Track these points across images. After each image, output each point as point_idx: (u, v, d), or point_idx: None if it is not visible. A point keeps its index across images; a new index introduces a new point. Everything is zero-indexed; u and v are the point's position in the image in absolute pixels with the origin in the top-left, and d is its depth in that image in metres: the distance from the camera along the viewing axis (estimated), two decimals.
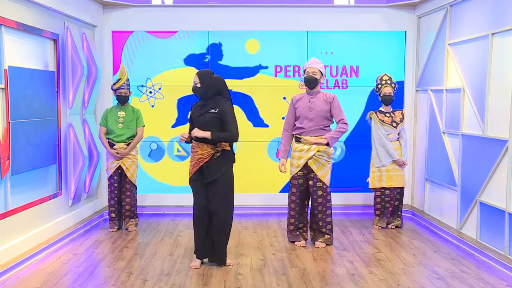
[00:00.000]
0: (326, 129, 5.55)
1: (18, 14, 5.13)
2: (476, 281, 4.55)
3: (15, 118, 5.00)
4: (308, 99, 5.55)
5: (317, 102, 5.50)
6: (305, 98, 5.58)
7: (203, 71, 4.93)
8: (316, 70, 5.50)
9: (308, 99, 5.55)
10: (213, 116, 4.77)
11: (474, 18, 5.76)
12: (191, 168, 4.83)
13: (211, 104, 4.81)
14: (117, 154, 6.10)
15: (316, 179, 5.49)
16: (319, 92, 5.58)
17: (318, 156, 5.48)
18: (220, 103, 4.81)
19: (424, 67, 7.05)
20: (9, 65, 4.94)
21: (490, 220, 5.34)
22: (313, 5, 7.30)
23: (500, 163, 5.16)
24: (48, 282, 4.48)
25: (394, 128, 6.33)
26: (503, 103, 5.11)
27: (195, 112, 4.87)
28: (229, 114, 4.79)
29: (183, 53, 7.32)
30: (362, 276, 4.68)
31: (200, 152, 4.78)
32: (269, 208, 7.33)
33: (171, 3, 7.25)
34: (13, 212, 5.02)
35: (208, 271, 4.78)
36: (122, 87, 6.14)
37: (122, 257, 5.21)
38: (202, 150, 4.78)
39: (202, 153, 4.78)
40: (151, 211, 7.25)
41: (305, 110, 5.51)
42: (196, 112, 4.87)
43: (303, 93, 5.68)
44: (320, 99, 5.53)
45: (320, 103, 5.51)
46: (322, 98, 5.54)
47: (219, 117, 4.77)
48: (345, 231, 6.29)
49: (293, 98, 5.66)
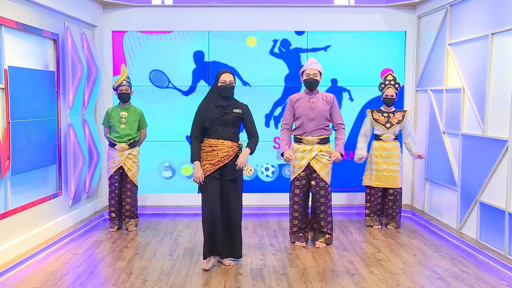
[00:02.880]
0: (326, 129, 5.55)
1: (18, 14, 5.13)
2: (476, 281, 4.55)
3: (15, 118, 5.01)
4: (308, 99, 5.54)
5: (318, 102, 5.50)
6: (304, 98, 5.57)
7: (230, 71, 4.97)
8: (317, 72, 5.49)
9: (308, 99, 5.54)
10: (237, 116, 4.86)
11: (474, 18, 5.76)
12: (211, 167, 4.78)
13: (233, 104, 4.87)
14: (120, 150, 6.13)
15: (319, 178, 5.49)
16: (318, 92, 5.58)
17: (320, 156, 5.48)
18: (239, 104, 4.92)
19: (424, 67, 7.05)
20: (9, 65, 4.94)
21: (490, 220, 5.34)
22: (313, 5, 7.30)
23: (500, 163, 5.16)
24: (48, 282, 4.48)
25: (386, 129, 6.34)
26: (503, 103, 5.11)
27: (215, 113, 4.79)
28: (250, 115, 4.95)
29: (183, 53, 7.32)
30: (362, 276, 4.68)
31: (225, 150, 4.78)
32: (269, 208, 7.33)
33: (171, 3, 7.25)
34: (13, 212, 5.02)
35: (208, 271, 4.78)
36: (122, 84, 6.14)
37: (122, 257, 5.21)
38: (228, 148, 4.79)
39: (227, 151, 4.78)
40: (151, 211, 7.25)
41: (306, 110, 5.51)
42: (217, 112, 4.80)
43: (301, 93, 5.66)
44: (320, 99, 5.53)
45: (321, 103, 5.50)
46: (322, 98, 5.54)
47: (241, 118, 4.88)
48: (345, 231, 6.29)
49: (292, 98, 5.64)
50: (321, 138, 5.50)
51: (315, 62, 5.54)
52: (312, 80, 5.48)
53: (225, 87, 4.81)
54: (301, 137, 5.53)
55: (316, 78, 5.49)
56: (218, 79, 4.86)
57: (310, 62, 5.54)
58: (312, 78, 5.47)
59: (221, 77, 4.84)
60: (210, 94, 4.94)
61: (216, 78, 4.88)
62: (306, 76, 5.51)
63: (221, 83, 4.82)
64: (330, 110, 5.53)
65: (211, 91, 4.95)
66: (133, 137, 6.24)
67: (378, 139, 6.39)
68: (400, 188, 6.38)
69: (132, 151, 6.23)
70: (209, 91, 4.99)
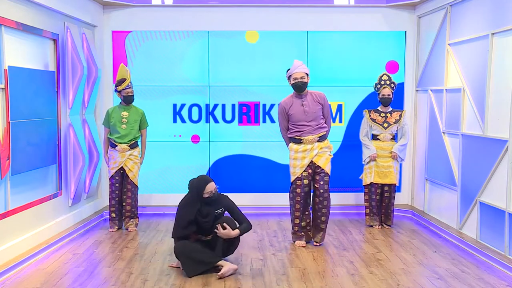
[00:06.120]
0: (324, 126, 5.57)
1: (18, 14, 5.13)
2: (476, 281, 4.55)
3: (15, 118, 5.00)
4: (300, 103, 5.51)
5: (310, 105, 5.50)
6: (296, 103, 5.53)
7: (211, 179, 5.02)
8: (304, 74, 5.47)
9: (300, 103, 5.51)
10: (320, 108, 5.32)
11: (474, 18, 5.76)
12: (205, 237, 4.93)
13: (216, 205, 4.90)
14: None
15: (324, 173, 5.52)
16: (308, 92, 5.58)
17: (322, 152, 5.52)
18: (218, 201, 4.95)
19: (424, 67, 7.05)
20: (9, 65, 4.94)
21: (490, 220, 5.34)
22: (313, 5, 7.30)
23: (500, 163, 5.16)
24: (48, 282, 4.48)
25: (384, 129, 6.35)
26: (503, 103, 5.11)
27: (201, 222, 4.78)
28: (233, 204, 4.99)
29: (183, 53, 7.32)
30: (362, 276, 4.68)
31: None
32: (269, 208, 7.33)
33: (171, 3, 7.25)
34: (13, 212, 5.02)
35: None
36: (128, 87, 6.14)
37: (122, 257, 5.21)
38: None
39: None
40: (151, 211, 7.25)
41: (300, 114, 5.50)
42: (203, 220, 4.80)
43: (290, 97, 5.60)
44: (311, 100, 5.53)
45: (313, 105, 5.51)
46: (312, 99, 5.54)
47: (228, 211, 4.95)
48: (345, 231, 6.29)
49: (283, 106, 5.56)
50: (320, 135, 5.53)
51: (300, 64, 5.51)
52: (300, 83, 5.46)
53: (213, 198, 4.79)
54: (300, 137, 5.53)
55: (304, 80, 5.47)
56: (201, 189, 4.73)
57: (296, 65, 5.51)
58: (301, 82, 5.46)
59: (206, 188, 4.73)
60: (191, 202, 4.79)
61: (198, 188, 4.75)
62: (294, 80, 5.48)
63: (207, 194, 4.74)
64: (322, 109, 5.56)
65: (191, 199, 4.80)
66: (134, 138, 6.24)
67: (375, 139, 6.40)
68: (395, 185, 6.41)
69: (133, 152, 6.23)
70: (188, 199, 4.84)
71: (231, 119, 7.42)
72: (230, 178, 7.41)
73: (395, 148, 6.32)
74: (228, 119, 7.42)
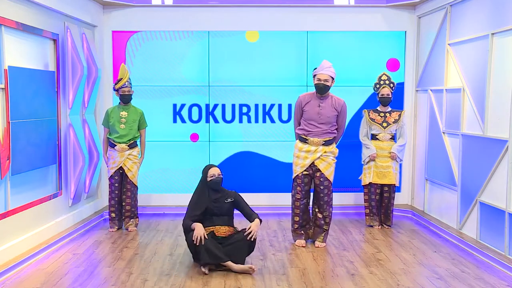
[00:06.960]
0: (332, 132, 5.55)
1: (18, 14, 5.13)
2: (476, 281, 4.55)
3: (15, 118, 5.00)
4: (317, 103, 5.49)
5: (327, 108, 5.46)
6: (313, 102, 5.51)
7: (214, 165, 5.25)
8: (328, 77, 5.40)
9: (317, 103, 5.49)
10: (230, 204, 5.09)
11: (474, 18, 5.76)
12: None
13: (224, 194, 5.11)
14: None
15: (323, 177, 5.51)
16: (329, 96, 5.53)
17: (325, 156, 5.50)
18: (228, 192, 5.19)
19: (424, 67, 7.05)
20: (9, 65, 4.94)
21: (490, 220, 5.34)
22: (313, 5, 7.30)
23: (500, 163, 5.16)
24: (48, 282, 4.48)
25: (383, 128, 6.35)
26: (503, 103, 5.11)
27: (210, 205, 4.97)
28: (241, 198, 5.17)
29: (183, 53, 7.32)
30: (362, 276, 4.68)
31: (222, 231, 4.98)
32: (269, 208, 7.33)
33: (171, 3, 7.25)
34: (13, 212, 5.02)
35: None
36: (125, 86, 6.14)
37: (122, 257, 5.21)
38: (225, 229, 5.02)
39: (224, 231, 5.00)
40: (151, 211, 7.25)
41: (314, 114, 5.48)
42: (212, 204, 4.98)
43: (311, 94, 5.58)
44: (329, 104, 5.48)
45: (329, 110, 5.47)
46: (331, 103, 5.50)
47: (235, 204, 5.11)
48: (345, 231, 6.29)
49: (301, 99, 5.58)
50: (326, 140, 5.51)
51: (329, 66, 5.45)
52: (322, 85, 5.42)
53: (215, 181, 5.02)
54: (306, 137, 5.52)
55: (327, 83, 5.41)
56: (206, 174, 5.08)
57: (323, 66, 5.45)
58: (323, 84, 5.41)
59: (209, 172, 5.05)
60: (201, 188, 5.08)
61: (204, 173, 5.10)
62: (317, 80, 5.44)
63: (210, 177, 5.03)
64: (336, 116, 5.53)
65: (201, 186, 5.09)
66: (133, 138, 6.24)
67: (374, 139, 6.41)
68: (395, 185, 6.40)
69: (132, 152, 6.23)
70: (198, 186, 5.12)
71: (231, 119, 7.42)
72: (230, 178, 7.40)
73: (393, 148, 6.33)
74: (228, 119, 7.42)
